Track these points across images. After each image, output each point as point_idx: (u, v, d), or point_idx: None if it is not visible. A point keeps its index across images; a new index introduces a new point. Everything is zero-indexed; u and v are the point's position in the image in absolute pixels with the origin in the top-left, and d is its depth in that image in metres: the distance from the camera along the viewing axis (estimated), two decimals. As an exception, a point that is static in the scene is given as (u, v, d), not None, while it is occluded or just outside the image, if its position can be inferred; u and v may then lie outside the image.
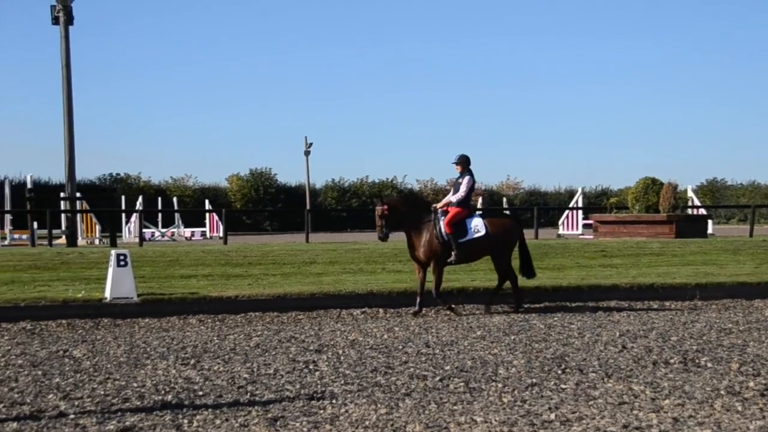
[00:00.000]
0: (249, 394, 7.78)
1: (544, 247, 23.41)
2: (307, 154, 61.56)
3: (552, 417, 6.81)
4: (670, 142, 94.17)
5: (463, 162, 13.86)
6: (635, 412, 6.97)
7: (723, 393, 7.60)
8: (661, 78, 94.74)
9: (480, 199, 45.51)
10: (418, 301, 13.43)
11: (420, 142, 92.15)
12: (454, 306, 13.59)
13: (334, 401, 7.43)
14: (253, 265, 19.09)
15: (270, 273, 17.51)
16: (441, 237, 13.46)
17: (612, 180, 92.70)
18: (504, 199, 52.26)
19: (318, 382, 8.24)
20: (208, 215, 44.37)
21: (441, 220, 13.56)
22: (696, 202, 37.65)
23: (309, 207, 56.05)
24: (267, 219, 60.69)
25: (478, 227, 13.59)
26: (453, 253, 13.47)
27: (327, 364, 9.13)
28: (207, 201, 50.21)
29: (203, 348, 10.28)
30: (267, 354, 9.80)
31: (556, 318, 12.71)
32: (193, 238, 41.58)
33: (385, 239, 13.78)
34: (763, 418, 6.75)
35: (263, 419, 6.85)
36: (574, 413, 6.93)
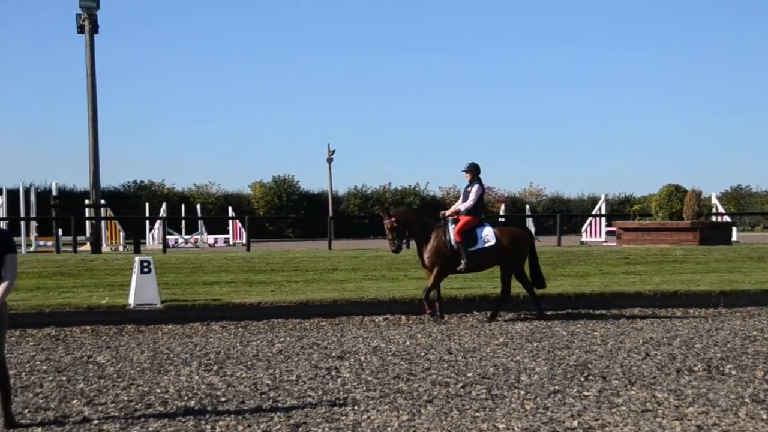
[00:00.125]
0: (271, 400, 7.81)
1: (567, 254, 23.31)
2: (330, 161, 61.85)
3: (575, 424, 6.79)
4: (694, 149, 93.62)
5: (473, 170, 13.84)
6: (659, 419, 6.93)
7: (747, 401, 7.54)
8: (686, 86, 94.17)
9: (503, 206, 45.40)
10: (437, 307, 13.41)
11: (443, 149, 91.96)
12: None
13: (356, 408, 7.44)
14: (276, 272, 19.13)
15: (293, 280, 17.55)
16: (450, 245, 13.43)
17: (635, 187, 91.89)
18: (527, 206, 52.05)
19: (340, 388, 8.26)
20: (231, 222, 44.49)
21: (451, 228, 13.55)
22: (720, 209, 37.32)
23: (332, 214, 56.20)
24: (290, 226, 60.84)
25: (488, 236, 13.53)
26: (462, 262, 13.43)
27: (349, 370, 9.15)
28: (230, 208, 50.42)
29: (226, 354, 10.33)
30: (289, 360, 9.83)
31: (578, 325, 12.66)
32: (216, 244, 41.76)
33: (398, 251, 13.79)
34: (789, 426, 6.69)
35: (285, 425, 6.88)
36: (596, 420, 6.91)
